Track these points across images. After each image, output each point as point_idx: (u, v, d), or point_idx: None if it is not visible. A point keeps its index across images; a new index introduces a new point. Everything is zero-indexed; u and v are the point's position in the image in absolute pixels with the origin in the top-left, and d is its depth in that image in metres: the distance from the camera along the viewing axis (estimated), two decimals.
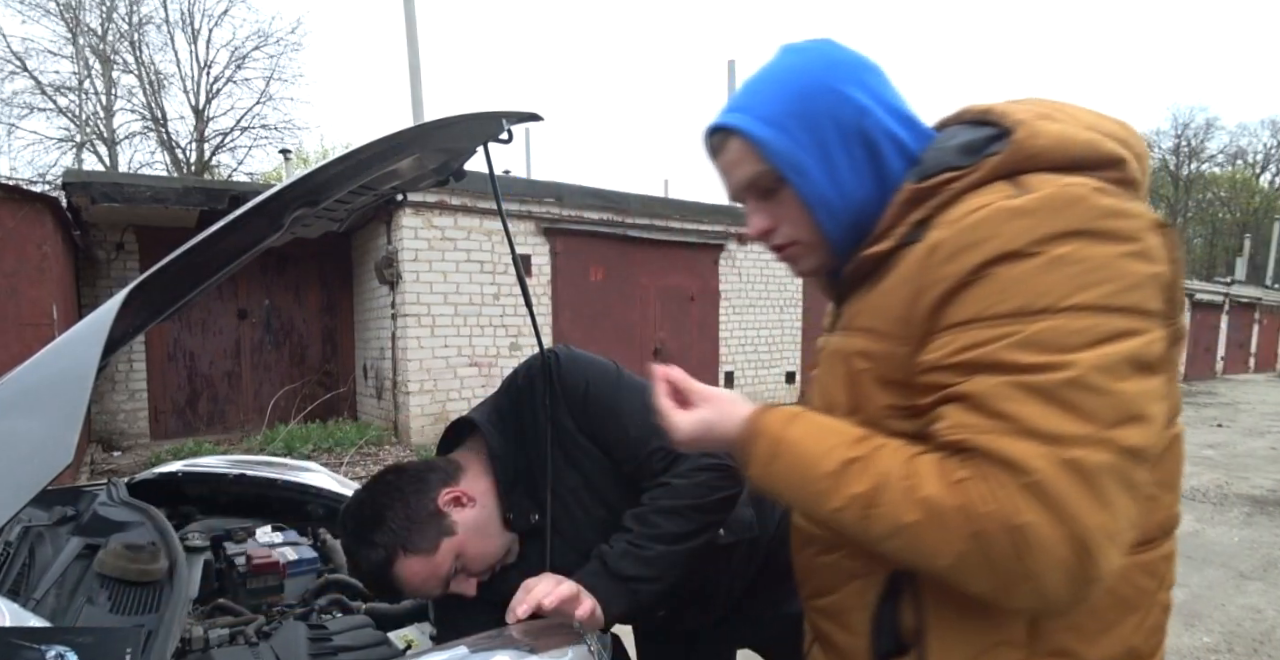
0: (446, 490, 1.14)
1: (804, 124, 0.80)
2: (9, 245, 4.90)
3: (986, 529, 0.62)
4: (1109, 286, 0.63)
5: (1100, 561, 0.61)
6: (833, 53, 0.82)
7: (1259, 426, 10.78)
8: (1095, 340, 0.62)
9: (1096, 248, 0.64)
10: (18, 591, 1.14)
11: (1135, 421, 0.62)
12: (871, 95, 0.81)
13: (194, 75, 19.68)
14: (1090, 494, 0.60)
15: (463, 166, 1.41)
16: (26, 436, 0.75)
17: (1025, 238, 0.66)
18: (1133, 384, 0.62)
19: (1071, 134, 0.73)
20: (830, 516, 0.73)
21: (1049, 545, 0.60)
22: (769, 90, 0.82)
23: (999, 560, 0.63)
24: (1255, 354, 24.38)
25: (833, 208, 0.82)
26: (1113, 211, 0.66)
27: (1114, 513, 0.61)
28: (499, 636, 0.94)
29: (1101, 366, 0.62)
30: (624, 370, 1.24)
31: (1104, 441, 0.61)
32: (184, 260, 0.93)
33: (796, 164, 0.80)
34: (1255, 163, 39.06)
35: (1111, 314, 0.63)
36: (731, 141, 0.84)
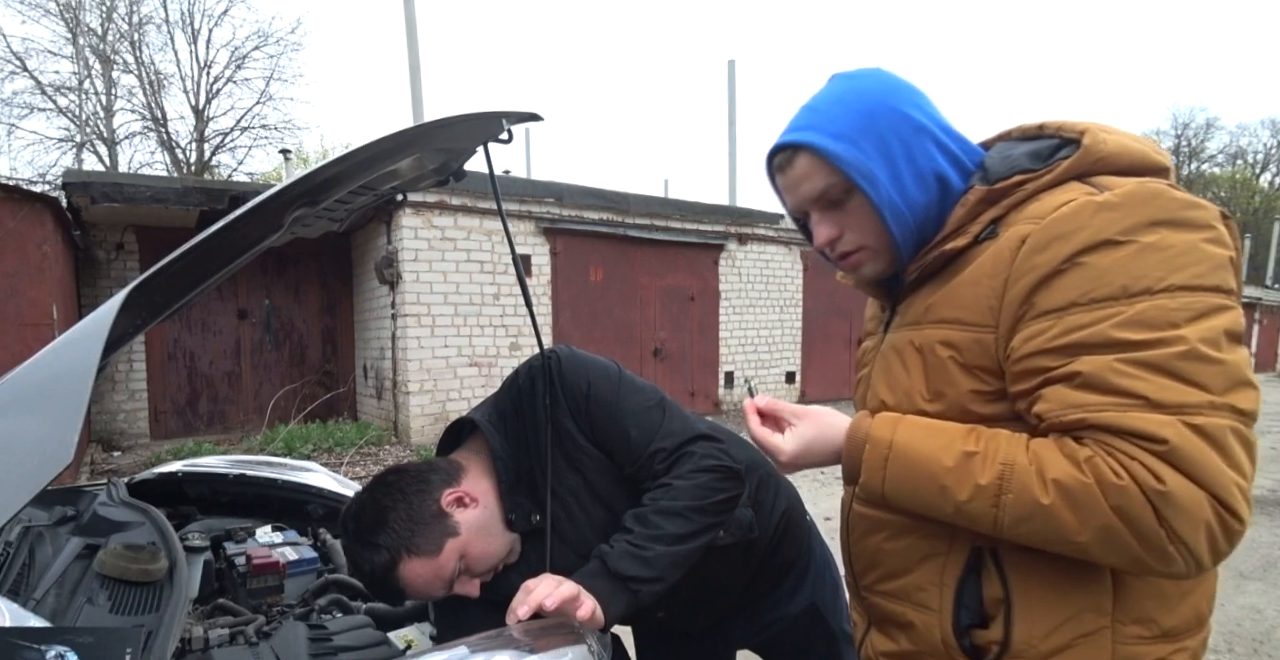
0: (449, 491, 1.14)
1: (872, 138, 0.87)
2: (9, 245, 4.90)
3: (1126, 502, 0.67)
4: (1198, 267, 0.70)
5: (1241, 515, 0.66)
6: (889, 79, 0.91)
7: (1259, 426, 10.68)
8: (1196, 315, 0.68)
9: (1181, 235, 0.71)
10: (18, 591, 1.14)
11: (1244, 385, 0.68)
12: (925, 114, 0.89)
13: (194, 75, 19.68)
14: (1221, 455, 0.66)
15: (463, 166, 1.41)
16: (26, 436, 0.75)
17: (1116, 227, 0.72)
18: (1234, 353, 0.68)
19: (1128, 143, 0.82)
20: (957, 511, 0.77)
21: (1193, 508, 0.65)
22: (835, 110, 0.89)
23: (1144, 530, 0.67)
24: (1255, 354, 24.39)
25: (901, 214, 0.88)
26: (1189, 203, 0.73)
27: (1242, 470, 0.66)
28: (499, 637, 0.94)
29: (1207, 338, 0.68)
30: (625, 371, 1.24)
31: (1223, 406, 0.66)
32: (184, 260, 0.93)
33: (868, 174, 0.87)
34: (1255, 163, 39.05)
35: (1205, 292, 0.69)
36: (800, 157, 0.90)
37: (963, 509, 0.76)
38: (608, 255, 8.54)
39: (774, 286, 10.32)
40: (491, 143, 1.28)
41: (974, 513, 0.76)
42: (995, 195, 0.84)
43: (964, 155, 0.91)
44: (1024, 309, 0.76)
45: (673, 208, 9.19)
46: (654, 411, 1.17)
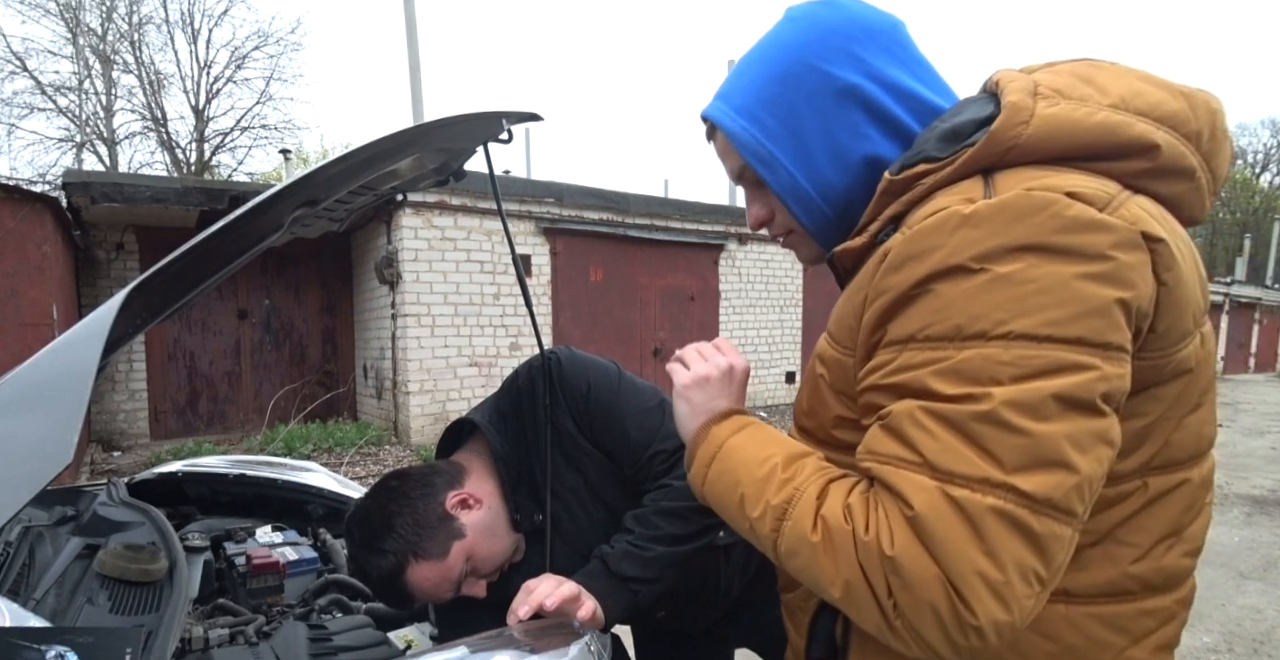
0: (454, 493, 1.14)
1: (779, 112, 0.75)
2: (9, 245, 4.90)
3: (867, 559, 0.59)
4: (1054, 312, 0.56)
5: (977, 610, 0.54)
6: (826, 18, 0.75)
7: (1259, 426, 10.77)
8: (1025, 374, 0.55)
9: (1048, 266, 0.56)
10: (18, 591, 1.14)
11: (1047, 467, 0.55)
12: (864, 70, 0.73)
13: (194, 75, 19.68)
14: (972, 537, 0.54)
15: (463, 166, 1.41)
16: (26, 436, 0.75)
17: (971, 251, 0.58)
18: (1058, 425, 0.55)
19: (1078, 118, 0.63)
20: (751, 528, 0.70)
21: (919, 585, 0.56)
22: (750, 74, 0.78)
23: (877, 595, 0.59)
24: (1255, 354, 24.38)
25: (807, 199, 0.77)
26: (1078, 223, 0.57)
27: (999, 561, 0.54)
28: (499, 636, 0.94)
29: (1020, 403, 0.55)
30: (625, 372, 1.24)
31: (1000, 485, 0.55)
32: (184, 260, 0.93)
33: (764, 157, 0.77)
34: (1255, 163, 39.06)
35: (1054, 345, 0.55)
36: (717, 133, 0.81)
37: (754, 527, 0.69)
38: (608, 255, 8.54)
39: (774, 286, 10.32)
40: (491, 143, 1.28)
41: (760, 534, 0.69)
42: (896, 187, 0.70)
43: (916, 123, 0.75)
44: (878, 336, 0.65)
45: (673, 208, 9.18)
46: (654, 413, 1.17)
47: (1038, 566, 0.55)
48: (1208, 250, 38.41)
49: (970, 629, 0.55)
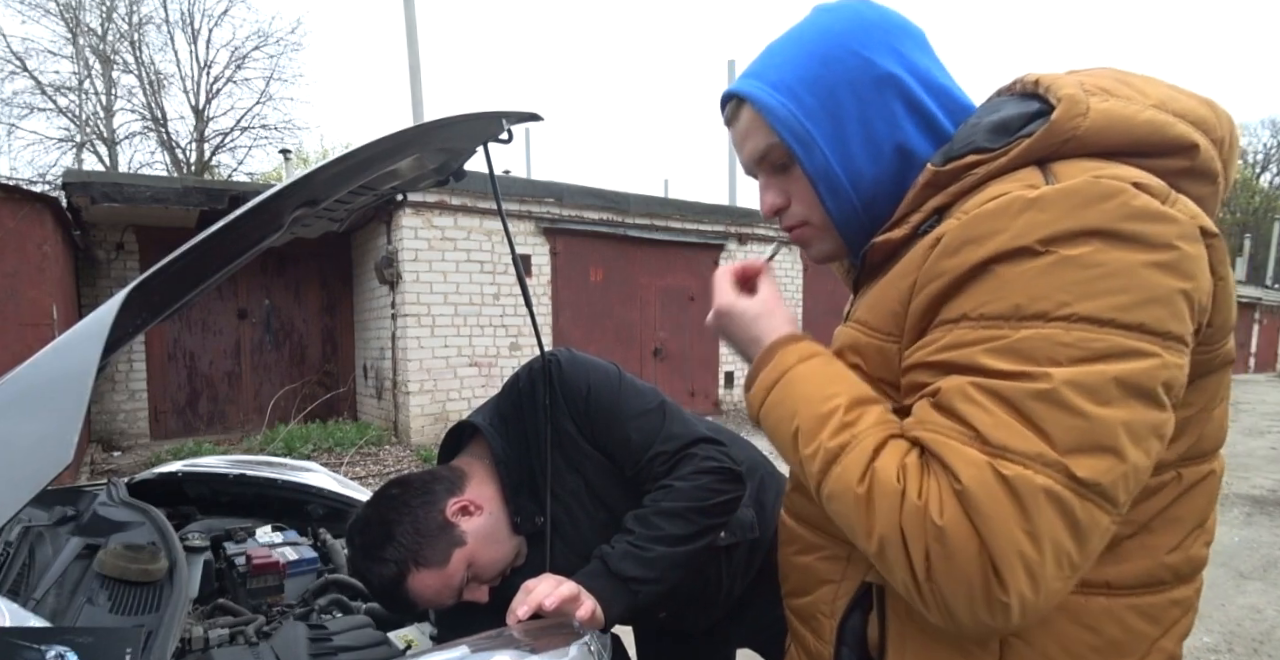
0: (454, 500, 1.14)
1: (818, 92, 0.73)
2: (9, 245, 4.90)
3: (911, 523, 0.59)
4: (1120, 298, 0.55)
5: (1010, 587, 0.55)
6: (866, 13, 0.75)
7: (1259, 426, 10.77)
8: (1086, 357, 0.55)
9: (1116, 252, 0.56)
10: (18, 591, 1.14)
11: (1100, 452, 0.55)
12: (903, 63, 0.74)
13: (194, 75, 19.67)
14: (1018, 515, 0.54)
15: (463, 166, 1.41)
16: (26, 436, 0.75)
17: (1037, 233, 0.58)
18: (1117, 411, 0.55)
19: (1129, 114, 0.64)
20: (800, 462, 0.70)
21: (958, 555, 0.56)
22: (788, 54, 0.76)
23: (914, 557, 0.59)
24: (1255, 354, 24.39)
25: (839, 187, 0.76)
26: (1146, 213, 0.57)
27: (1039, 542, 0.54)
28: (499, 636, 0.94)
29: (1082, 384, 0.55)
30: (625, 373, 1.24)
31: (1054, 464, 0.55)
32: (184, 260, 0.93)
33: (802, 136, 0.74)
34: (1255, 163, 39.07)
35: (1115, 330, 0.55)
36: (744, 110, 0.78)
37: (803, 463, 0.69)
38: (608, 255, 8.54)
39: None
40: (491, 143, 1.28)
41: (808, 471, 0.68)
42: (943, 179, 0.69)
43: (947, 118, 0.75)
44: (928, 320, 0.65)
45: (673, 208, 9.18)
46: (654, 414, 1.17)
47: (1073, 551, 0.56)
48: None
49: (998, 605, 0.56)
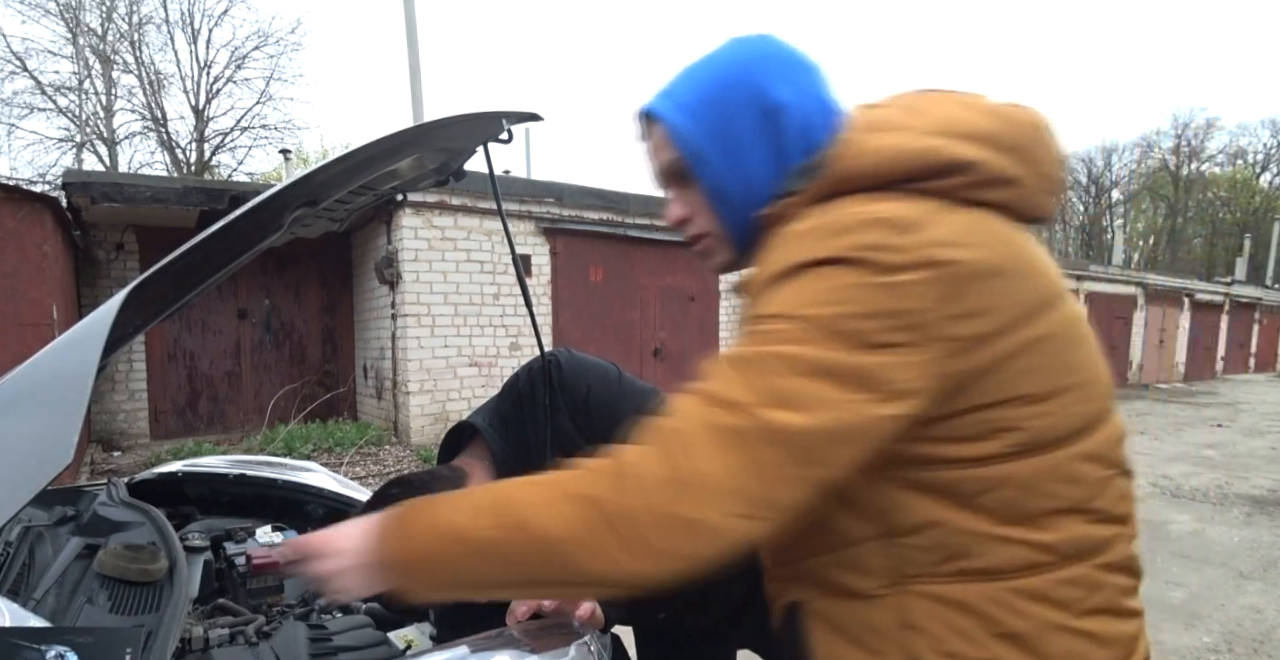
0: None
1: (716, 114, 0.79)
2: (9, 245, 4.89)
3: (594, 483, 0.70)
4: (840, 308, 0.65)
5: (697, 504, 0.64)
6: (767, 46, 0.82)
7: (1259, 426, 10.77)
8: (798, 341, 0.65)
9: (847, 275, 0.66)
10: (18, 591, 1.14)
11: (789, 407, 0.64)
12: (798, 93, 0.79)
13: (194, 75, 19.70)
14: (709, 445, 0.65)
15: (463, 166, 1.41)
16: (26, 436, 0.75)
17: (791, 261, 0.69)
18: (809, 385, 0.65)
19: (901, 146, 0.72)
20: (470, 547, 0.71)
21: (646, 478, 0.66)
22: (696, 77, 0.82)
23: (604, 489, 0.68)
24: (1255, 354, 24.38)
25: (734, 202, 0.82)
26: (877, 245, 0.66)
27: (724, 466, 0.64)
28: (499, 636, 0.94)
29: (790, 358, 0.65)
30: (625, 373, 1.24)
31: (747, 409, 0.65)
32: (184, 260, 0.93)
33: (699, 152, 0.81)
34: (1255, 163, 39.06)
35: (828, 332, 0.65)
36: (654, 127, 0.84)
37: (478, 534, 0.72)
38: (608, 255, 8.54)
39: None
40: (491, 143, 1.28)
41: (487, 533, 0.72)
42: (770, 221, 0.77)
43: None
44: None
45: None
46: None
47: (753, 487, 0.64)
48: (1208, 250, 38.45)
49: (684, 523, 0.64)
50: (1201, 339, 20.99)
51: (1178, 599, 3.73)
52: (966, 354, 0.68)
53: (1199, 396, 15.60)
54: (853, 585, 0.77)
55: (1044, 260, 0.75)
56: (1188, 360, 20.38)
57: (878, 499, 0.74)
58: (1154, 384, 18.40)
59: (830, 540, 0.78)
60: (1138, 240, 40.98)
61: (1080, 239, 40.54)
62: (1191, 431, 10.09)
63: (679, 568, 0.67)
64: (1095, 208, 40.30)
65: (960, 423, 0.70)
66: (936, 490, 0.72)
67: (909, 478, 0.73)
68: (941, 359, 0.66)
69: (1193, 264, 37.23)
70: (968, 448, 0.70)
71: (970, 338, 0.67)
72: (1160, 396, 15.39)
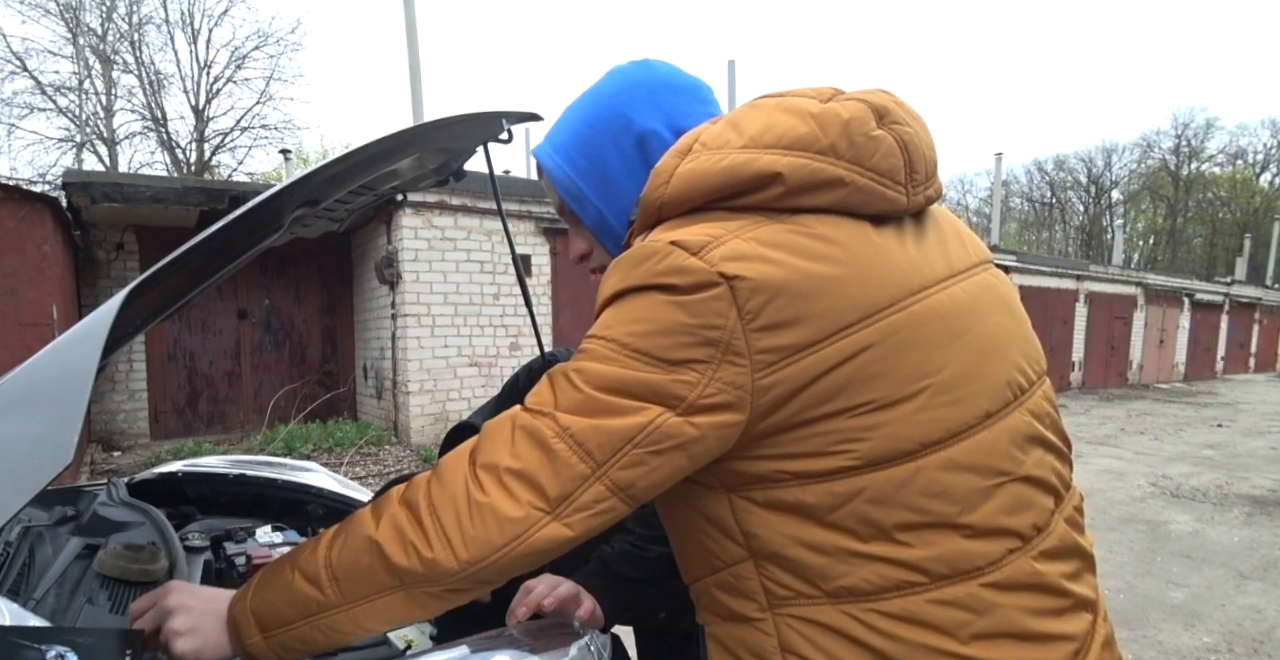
0: None
1: (587, 151, 0.83)
2: (9, 245, 4.90)
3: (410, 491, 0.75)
4: (637, 327, 0.68)
5: (487, 489, 0.68)
6: (637, 75, 0.84)
7: (1259, 426, 10.77)
8: (601, 360, 0.69)
9: (646, 298, 0.69)
10: (18, 591, 1.14)
11: (583, 413, 0.68)
12: (666, 119, 0.82)
13: (194, 75, 19.71)
14: (508, 440, 0.70)
15: (463, 166, 1.41)
16: (26, 436, 0.75)
17: (610, 288, 0.72)
18: (606, 396, 0.68)
19: (707, 168, 0.72)
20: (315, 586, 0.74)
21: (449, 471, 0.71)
22: (570, 117, 0.86)
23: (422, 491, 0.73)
24: (1255, 354, 24.39)
25: (615, 236, 0.85)
26: (669, 269, 0.68)
27: (521, 460, 0.68)
28: (499, 636, 0.94)
29: (592, 374, 0.69)
30: None
31: (549, 414, 0.70)
32: (184, 260, 0.93)
33: (575, 192, 0.84)
34: (1255, 163, 39.08)
35: (629, 350, 0.68)
36: (543, 169, 0.89)
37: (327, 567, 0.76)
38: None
39: None
40: (491, 143, 1.28)
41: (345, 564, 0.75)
42: (627, 247, 0.80)
43: None
44: None
45: None
46: None
47: (546, 480, 0.68)
48: (1208, 250, 38.46)
49: (487, 509, 0.67)
50: (1201, 339, 20.99)
51: (1178, 599, 3.73)
52: (780, 366, 0.66)
53: (1199, 396, 15.61)
54: (737, 609, 0.77)
55: (896, 257, 0.71)
56: (1188, 360, 20.39)
57: (739, 519, 0.73)
58: (1154, 384, 18.40)
59: (712, 561, 0.78)
60: (1138, 240, 40.98)
61: (1080, 239, 40.55)
62: (1191, 431, 10.09)
63: (493, 558, 0.68)
64: (1095, 208, 40.33)
65: (796, 436, 0.68)
66: (788, 508, 0.70)
67: (761, 497, 0.72)
68: (750, 372, 0.66)
69: (1193, 264, 37.25)
70: (810, 462, 0.68)
71: (779, 348, 0.66)
72: (1160, 396, 15.39)
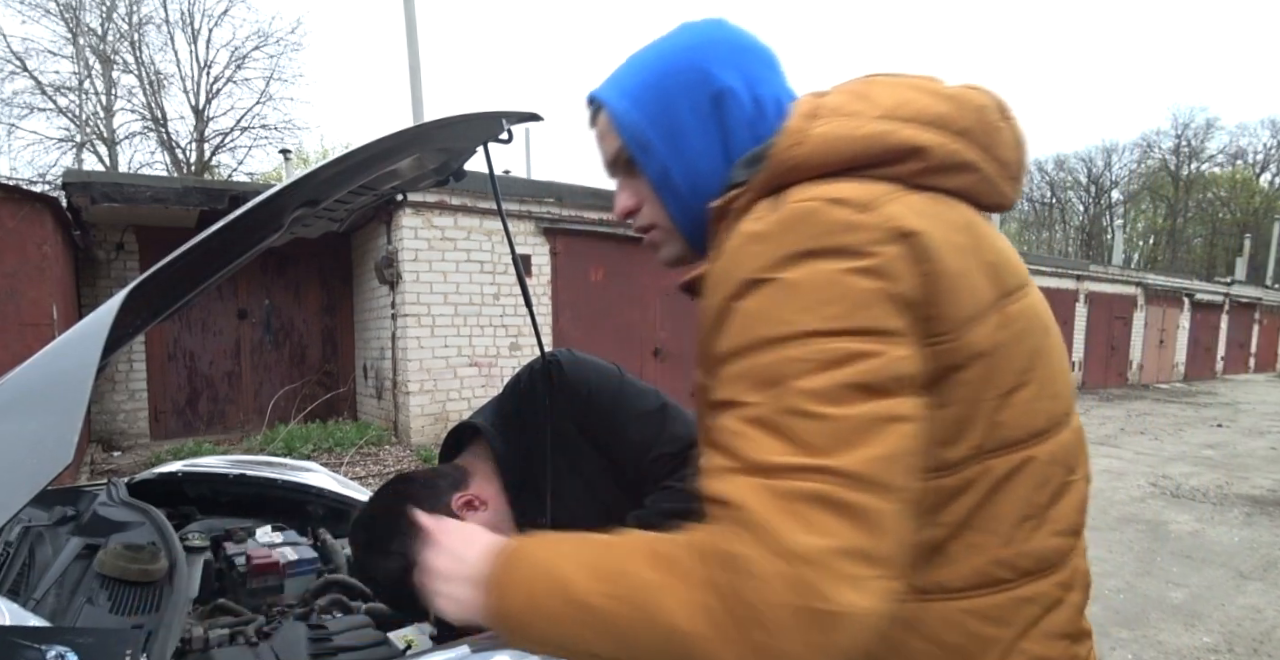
0: (459, 495, 1.14)
1: (659, 101, 0.76)
2: (9, 245, 4.90)
3: (713, 574, 0.56)
4: (835, 307, 0.59)
5: (825, 594, 0.53)
6: (715, 31, 0.78)
7: (1259, 426, 10.77)
8: (818, 366, 0.58)
9: (822, 266, 0.60)
10: (18, 591, 1.14)
11: (856, 445, 0.56)
12: (745, 79, 0.76)
13: (194, 75, 19.70)
14: (796, 521, 0.54)
15: (463, 166, 1.41)
16: (26, 436, 0.75)
17: (758, 263, 0.63)
18: (854, 408, 0.57)
19: (847, 132, 0.68)
20: (581, 613, 0.61)
21: (765, 575, 0.54)
22: (640, 63, 0.79)
23: (732, 605, 0.55)
24: (1255, 354, 24.38)
25: (678, 192, 0.78)
26: (837, 226, 0.61)
27: (832, 538, 0.54)
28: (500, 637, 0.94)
29: (820, 392, 0.57)
30: (626, 374, 1.24)
31: (818, 469, 0.55)
32: (184, 260, 0.93)
33: (642, 140, 0.77)
34: (1255, 163, 39.07)
35: (837, 337, 0.58)
36: (601, 114, 0.81)
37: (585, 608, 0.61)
38: (608, 255, 8.53)
39: None
40: (491, 143, 1.28)
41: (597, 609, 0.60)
42: (718, 214, 0.73)
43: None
44: (710, 358, 0.67)
45: None
46: (656, 415, 1.17)
47: (870, 545, 0.55)
48: (1208, 250, 38.46)
49: (828, 617, 0.53)
50: (1201, 339, 20.99)
51: (1178, 599, 3.73)
52: (945, 339, 0.63)
53: (1199, 396, 15.60)
54: None
55: (1008, 247, 0.72)
56: (1188, 360, 20.38)
57: None
58: (1154, 384, 18.39)
59: None
60: (1138, 240, 40.97)
61: (1080, 239, 40.54)
62: (1191, 431, 10.09)
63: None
64: (1095, 208, 40.32)
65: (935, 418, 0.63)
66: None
67: None
68: (926, 344, 0.62)
69: (1193, 264, 37.24)
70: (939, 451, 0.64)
71: (950, 320, 0.62)
72: (1160, 396, 15.39)
